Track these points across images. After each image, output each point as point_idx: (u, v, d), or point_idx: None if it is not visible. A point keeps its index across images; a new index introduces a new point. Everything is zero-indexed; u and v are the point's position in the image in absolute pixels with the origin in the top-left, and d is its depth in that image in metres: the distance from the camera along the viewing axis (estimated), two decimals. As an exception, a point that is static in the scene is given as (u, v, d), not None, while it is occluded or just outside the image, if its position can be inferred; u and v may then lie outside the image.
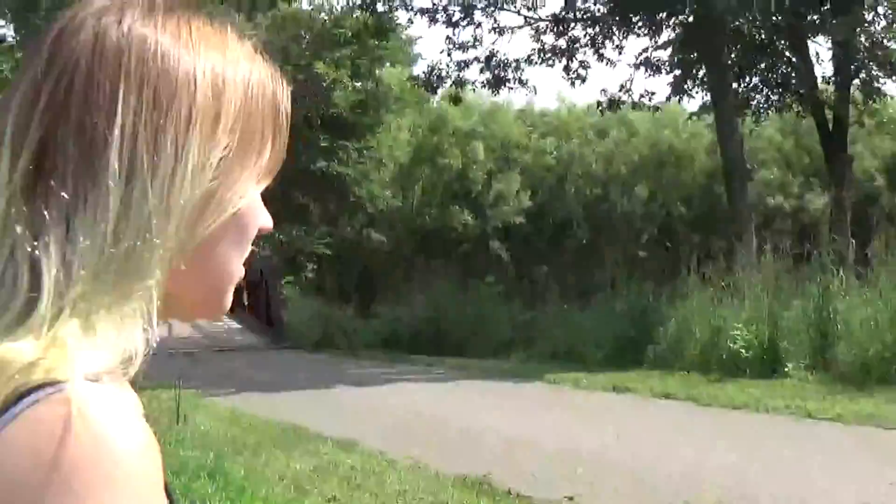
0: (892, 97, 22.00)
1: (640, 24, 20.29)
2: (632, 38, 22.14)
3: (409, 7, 20.96)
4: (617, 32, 20.71)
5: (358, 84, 30.72)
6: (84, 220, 0.82)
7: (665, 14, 19.77)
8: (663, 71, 20.94)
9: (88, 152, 0.83)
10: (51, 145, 0.84)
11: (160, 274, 0.84)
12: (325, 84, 29.04)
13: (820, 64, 24.88)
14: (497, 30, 21.23)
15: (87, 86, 0.84)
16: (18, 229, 0.82)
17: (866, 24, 18.91)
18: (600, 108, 22.43)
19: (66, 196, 0.82)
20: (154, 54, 0.86)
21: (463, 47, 21.19)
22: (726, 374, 13.04)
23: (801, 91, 20.47)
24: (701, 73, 20.35)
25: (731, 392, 11.69)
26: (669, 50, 20.58)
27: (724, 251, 15.82)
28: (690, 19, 19.32)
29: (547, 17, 21.30)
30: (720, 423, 10.12)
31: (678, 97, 21.38)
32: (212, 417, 10.93)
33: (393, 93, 31.21)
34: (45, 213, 0.82)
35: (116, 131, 0.83)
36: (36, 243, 0.81)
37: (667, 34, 20.52)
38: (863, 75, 19.49)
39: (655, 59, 20.91)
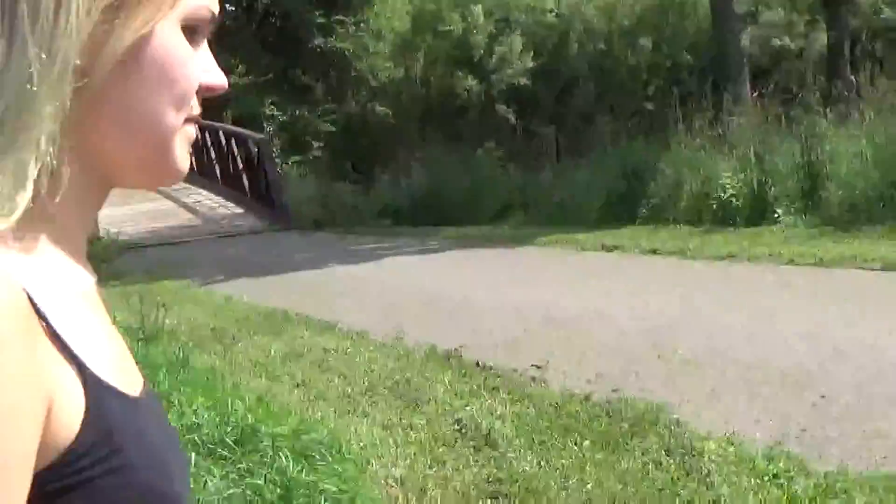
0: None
1: None
2: None
3: None
4: None
5: (349, -46, 30.30)
6: None
7: None
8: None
9: None
10: None
11: (50, 125, 0.82)
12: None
13: None
14: None
15: None
16: None
17: None
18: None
19: None
20: None
21: None
22: (717, 224, 13.01)
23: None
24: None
25: (718, 243, 11.66)
26: None
27: (714, 99, 15.55)
28: None
29: None
30: (703, 276, 10.14)
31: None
32: (200, 307, 10.99)
33: (385, -40, 30.78)
34: None
35: None
36: None
37: None
38: None
39: None
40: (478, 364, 7.32)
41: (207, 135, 23.69)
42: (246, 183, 21.82)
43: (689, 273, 10.35)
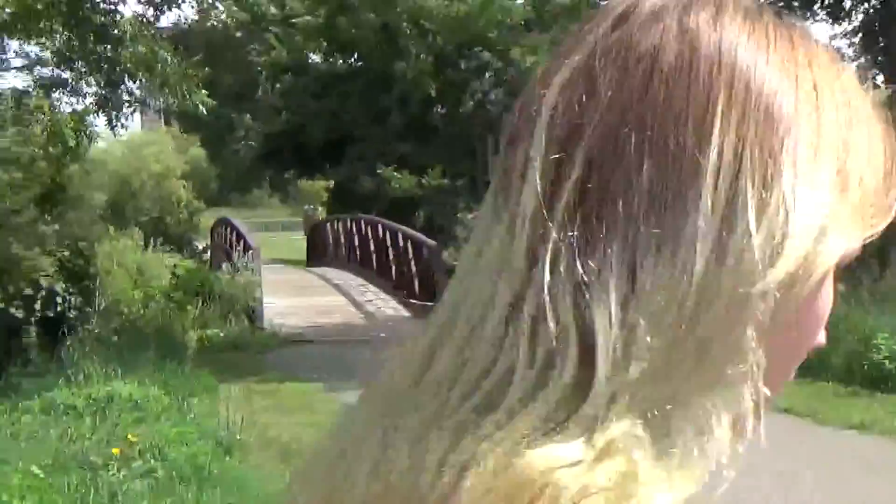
0: None
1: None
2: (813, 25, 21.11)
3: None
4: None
5: None
6: (658, 268, 0.64)
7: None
8: (846, 59, 19.82)
9: (671, 176, 0.65)
10: (605, 157, 0.66)
11: (759, 352, 0.65)
12: None
13: None
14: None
15: (673, 87, 0.67)
16: (562, 268, 0.64)
17: None
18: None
19: (633, 232, 0.65)
20: (756, 68, 0.68)
21: None
22: (870, 387, 12.29)
23: None
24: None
25: (852, 409, 10.93)
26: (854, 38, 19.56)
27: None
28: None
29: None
30: (823, 445, 9.50)
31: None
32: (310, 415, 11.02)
33: None
34: (602, 249, 0.64)
35: (712, 155, 0.65)
36: (587, 294, 0.64)
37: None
38: None
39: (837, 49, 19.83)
40: None
41: (388, 236, 24.10)
42: (416, 287, 22.01)
43: (812, 440, 9.75)
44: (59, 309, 16.74)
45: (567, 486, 0.58)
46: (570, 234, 0.65)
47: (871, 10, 18.71)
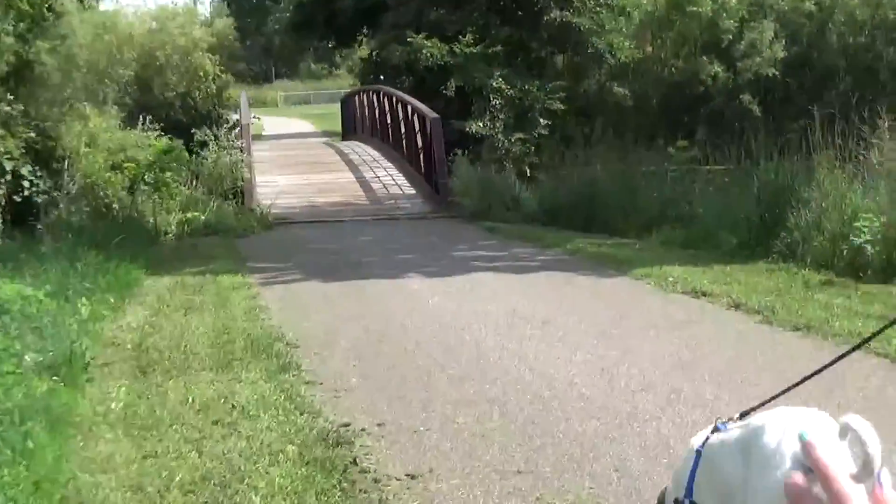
0: None
1: None
2: None
3: None
4: None
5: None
6: None
7: None
8: None
9: None
10: None
11: None
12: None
13: None
14: None
15: None
16: None
17: None
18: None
19: None
20: None
21: None
22: (845, 274, 11.00)
23: None
24: None
25: (817, 305, 9.64)
26: None
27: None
28: None
29: None
30: (773, 350, 8.30)
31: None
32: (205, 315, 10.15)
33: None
34: None
35: None
36: None
37: None
38: None
39: None
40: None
41: (399, 107, 23.05)
42: (422, 163, 21.00)
43: (765, 343, 8.59)
44: (25, 193, 16.04)
45: None
46: None
47: None
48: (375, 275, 12.47)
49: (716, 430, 2.39)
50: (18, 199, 15.99)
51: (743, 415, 2.38)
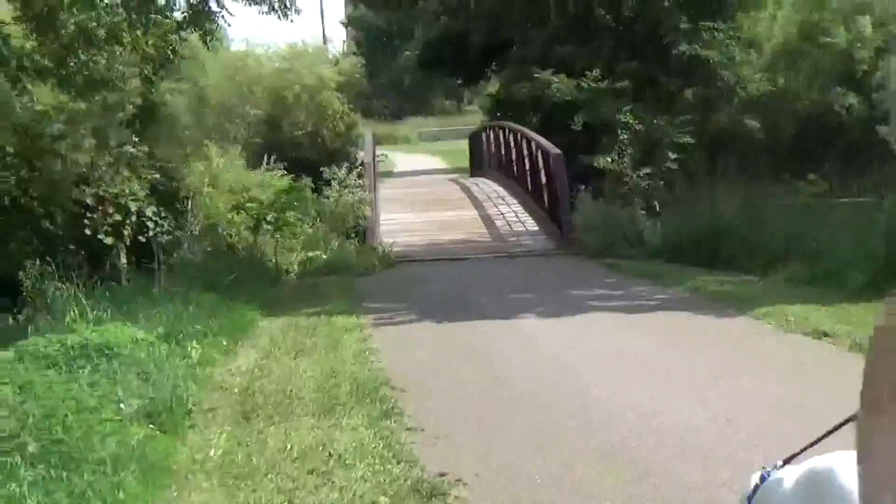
0: None
1: None
2: None
3: None
4: None
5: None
6: None
7: None
8: None
9: None
10: None
11: None
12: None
13: None
14: None
15: None
16: None
17: None
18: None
19: None
20: None
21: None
22: None
23: None
24: None
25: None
26: None
27: None
28: None
29: None
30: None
31: None
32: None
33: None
34: None
35: None
36: None
37: None
38: None
39: None
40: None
41: (524, 144, 22.98)
42: (546, 200, 20.87)
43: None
44: (150, 234, 16.36)
45: None
46: None
47: None
48: (489, 315, 12.34)
49: (762, 478, 2.26)
50: (143, 240, 16.33)
51: (786, 461, 2.27)
